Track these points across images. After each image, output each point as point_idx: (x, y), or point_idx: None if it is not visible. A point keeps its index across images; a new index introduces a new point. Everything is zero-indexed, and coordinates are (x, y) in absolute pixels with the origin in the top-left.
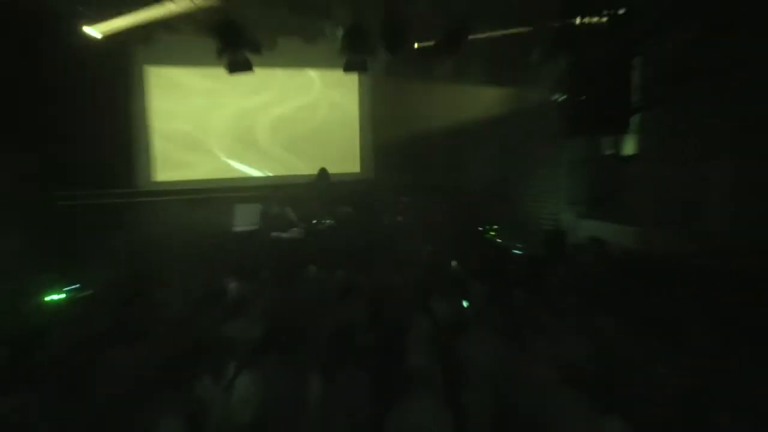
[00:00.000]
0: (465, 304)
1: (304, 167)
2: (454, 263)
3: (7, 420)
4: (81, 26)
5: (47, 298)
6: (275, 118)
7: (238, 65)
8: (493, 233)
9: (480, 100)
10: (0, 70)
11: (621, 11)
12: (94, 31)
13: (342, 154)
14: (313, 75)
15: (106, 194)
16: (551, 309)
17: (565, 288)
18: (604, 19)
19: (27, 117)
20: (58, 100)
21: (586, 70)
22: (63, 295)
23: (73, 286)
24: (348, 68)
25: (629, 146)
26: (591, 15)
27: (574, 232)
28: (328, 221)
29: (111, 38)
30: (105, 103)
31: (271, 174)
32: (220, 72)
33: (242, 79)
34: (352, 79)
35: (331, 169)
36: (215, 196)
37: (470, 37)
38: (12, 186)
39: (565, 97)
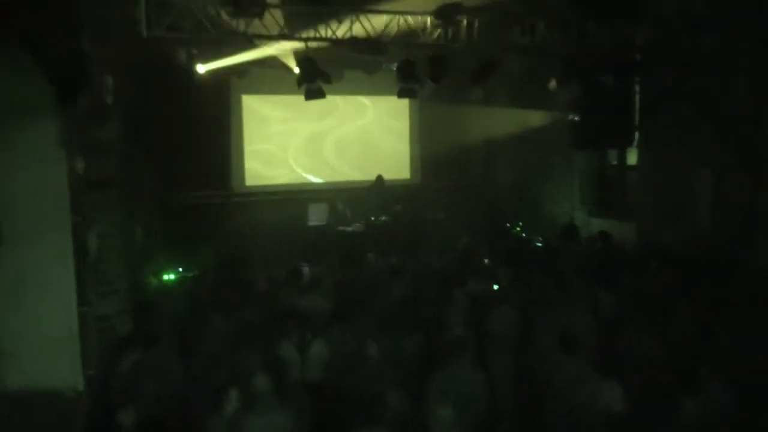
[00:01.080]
0: (495, 286)
1: (363, 175)
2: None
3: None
4: (195, 67)
5: (162, 277)
6: (340, 137)
7: (313, 93)
8: (518, 228)
9: (507, 119)
10: (146, 103)
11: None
12: (204, 68)
13: (395, 163)
14: (366, 102)
15: (210, 195)
16: (565, 290)
17: (577, 273)
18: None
19: (157, 137)
20: (178, 124)
21: (595, 94)
22: (174, 275)
23: (181, 268)
24: (401, 95)
25: (631, 157)
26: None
27: (586, 227)
28: (383, 217)
29: (216, 74)
30: (211, 127)
31: (335, 181)
32: (297, 100)
33: (312, 106)
34: (404, 103)
35: (386, 176)
36: (293, 198)
37: (498, 68)
38: (146, 188)
39: (578, 116)
